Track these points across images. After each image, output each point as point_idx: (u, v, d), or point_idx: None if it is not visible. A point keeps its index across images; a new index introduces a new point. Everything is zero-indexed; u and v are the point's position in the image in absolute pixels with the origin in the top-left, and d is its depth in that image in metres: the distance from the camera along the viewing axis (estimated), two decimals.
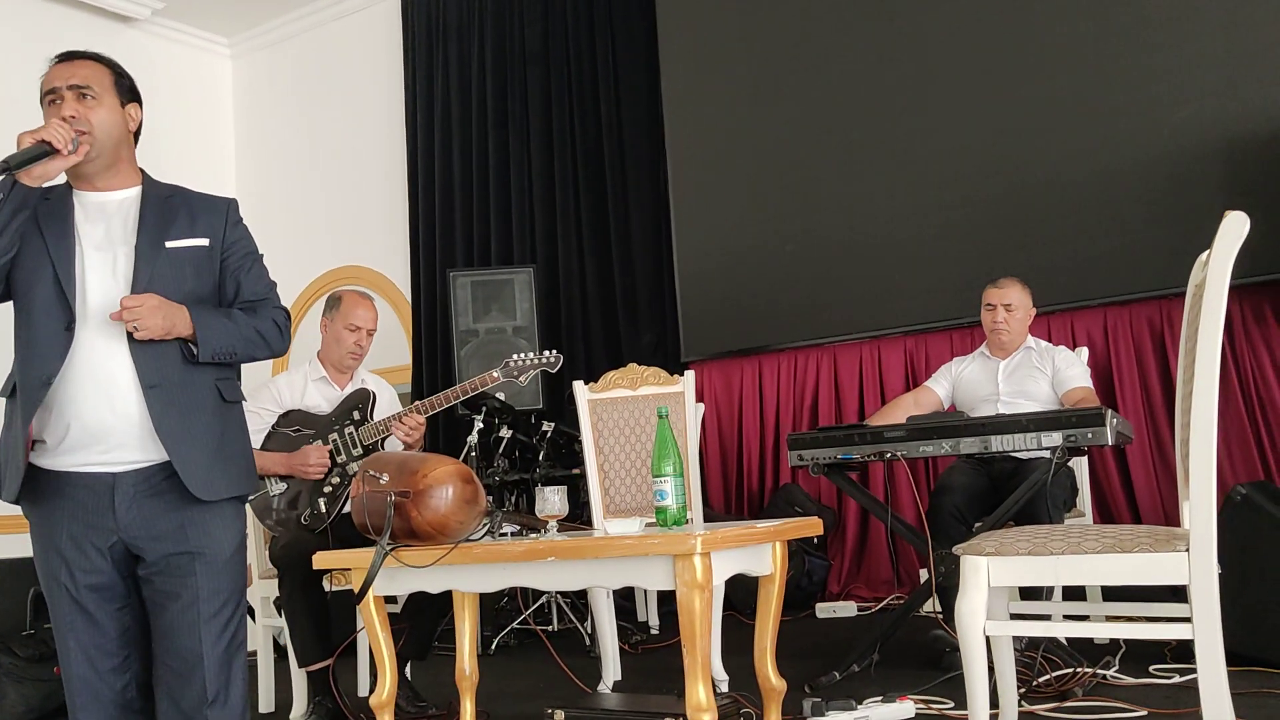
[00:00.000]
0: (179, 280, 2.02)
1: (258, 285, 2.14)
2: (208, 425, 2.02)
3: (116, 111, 2.04)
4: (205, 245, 2.08)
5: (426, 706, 3.12)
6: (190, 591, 1.97)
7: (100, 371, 1.95)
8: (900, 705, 2.61)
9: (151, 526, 1.97)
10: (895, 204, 4.77)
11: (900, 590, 4.59)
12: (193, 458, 1.97)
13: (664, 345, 5.37)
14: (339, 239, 6.50)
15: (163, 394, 1.96)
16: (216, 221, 2.11)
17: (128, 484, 1.97)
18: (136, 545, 1.98)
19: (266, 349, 2.11)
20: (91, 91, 2.01)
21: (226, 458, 2.04)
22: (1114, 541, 1.90)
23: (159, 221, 2.04)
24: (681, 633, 2.22)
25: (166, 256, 2.02)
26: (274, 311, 2.13)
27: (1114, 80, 4.31)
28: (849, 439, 3.12)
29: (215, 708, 1.95)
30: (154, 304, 1.94)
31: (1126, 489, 4.20)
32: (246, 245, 2.16)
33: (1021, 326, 3.60)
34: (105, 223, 2.04)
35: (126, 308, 1.92)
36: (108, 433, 1.95)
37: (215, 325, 2.02)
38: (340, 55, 6.65)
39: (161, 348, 1.97)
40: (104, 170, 2.05)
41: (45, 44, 5.79)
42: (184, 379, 2.00)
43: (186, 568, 1.97)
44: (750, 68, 5.19)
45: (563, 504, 2.51)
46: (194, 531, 1.99)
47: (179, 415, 1.97)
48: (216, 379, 2.06)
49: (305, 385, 3.47)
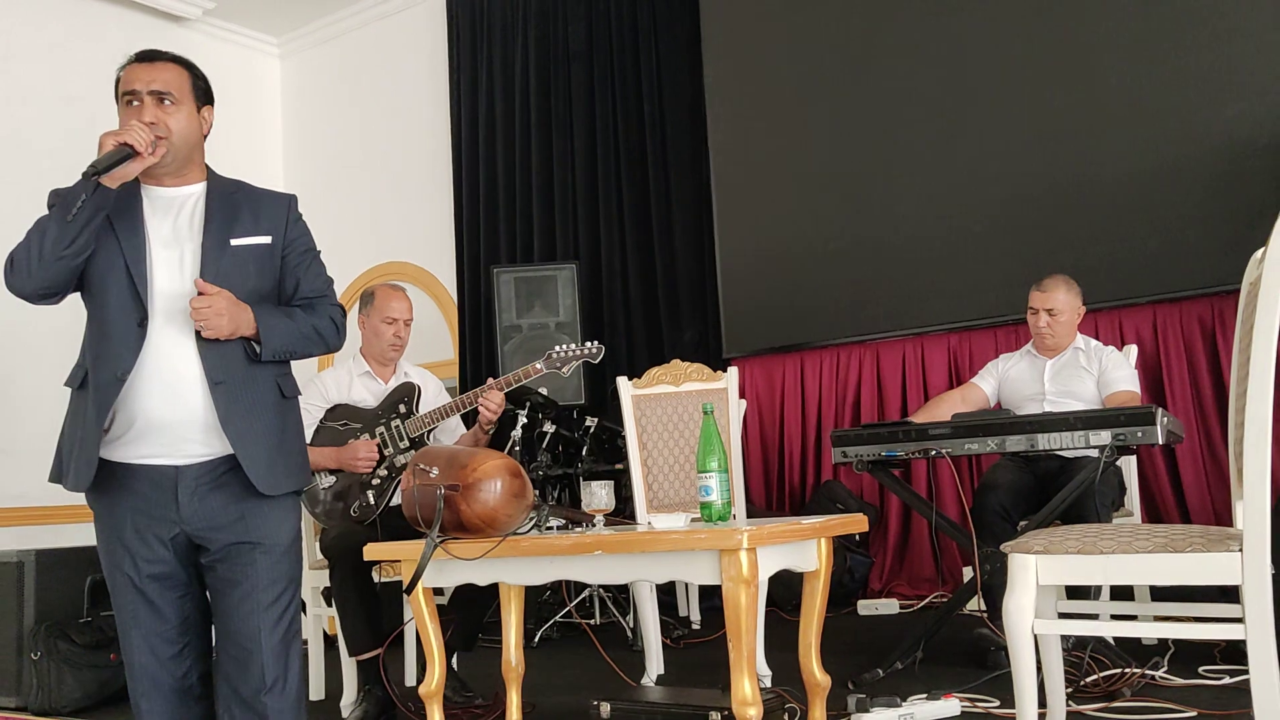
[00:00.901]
0: (243, 277, 2.06)
1: (316, 282, 2.18)
2: (269, 421, 2.07)
3: (193, 116, 2.09)
4: (268, 243, 2.12)
5: (473, 697, 3.17)
6: (250, 580, 2.02)
7: (167, 367, 2.00)
8: (945, 703, 2.60)
9: (214, 518, 2.02)
10: (939, 200, 4.74)
11: (943, 588, 4.57)
12: (256, 453, 2.02)
13: (705, 341, 5.37)
14: (384, 236, 6.57)
15: (227, 390, 2.01)
16: (278, 218, 2.15)
17: (191, 477, 2.02)
18: (199, 536, 2.03)
19: (323, 345, 2.16)
20: (171, 97, 2.05)
21: (286, 453, 2.09)
22: (1165, 541, 1.89)
23: (224, 218, 2.09)
24: (727, 627, 2.23)
25: (231, 254, 2.07)
26: (331, 309, 2.18)
27: (1164, 76, 4.25)
28: (893, 436, 3.12)
29: (273, 693, 2.00)
30: (222, 305, 1.98)
31: (1175, 488, 4.14)
32: (306, 242, 2.19)
33: (1067, 329, 3.55)
34: (173, 219, 2.08)
35: (197, 306, 1.96)
36: (172, 427, 2.00)
37: (277, 325, 2.07)
38: (386, 54, 6.72)
39: (227, 345, 2.02)
40: (177, 170, 2.09)
41: (97, 43, 5.96)
42: (247, 376, 2.04)
43: (247, 557, 2.02)
44: (793, 65, 5.18)
45: (609, 498, 2.54)
46: (254, 522, 2.04)
47: (243, 411, 2.02)
48: (276, 376, 2.11)
49: (351, 380, 3.52)
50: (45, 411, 5.29)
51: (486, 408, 3.23)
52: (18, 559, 3.70)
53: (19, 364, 5.42)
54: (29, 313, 5.46)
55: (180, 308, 2.00)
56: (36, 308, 2.07)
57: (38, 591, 3.66)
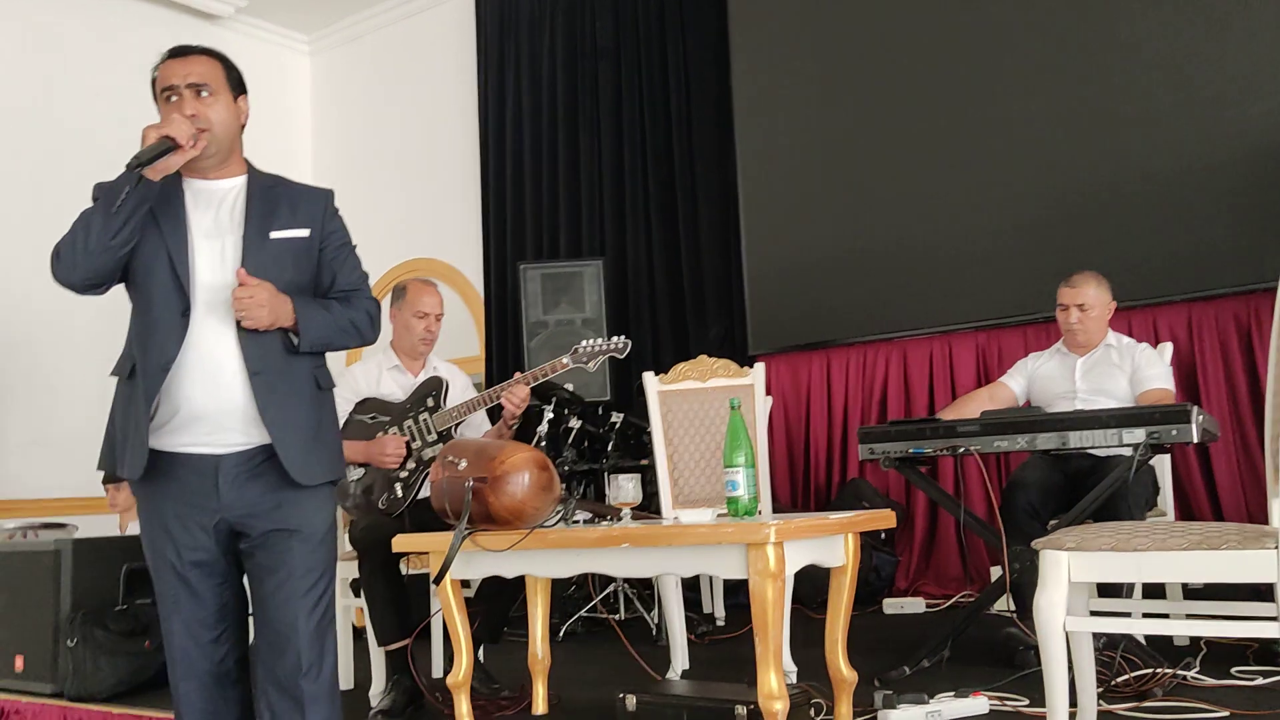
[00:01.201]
0: (281, 269, 2.09)
1: (352, 275, 2.21)
2: (306, 412, 2.10)
3: (231, 107, 2.12)
4: (306, 236, 2.15)
5: (499, 689, 3.18)
6: (287, 567, 2.05)
7: (208, 357, 2.03)
8: (973, 701, 2.58)
9: (253, 506, 2.06)
10: (968, 197, 4.71)
11: (970, 588, 4.54)
12: (293, 443, 2.05)
13: (731, 338, 5.37)
14: (412, 232, 6.61)
15: (266, 380, 2.04)
16: (316, 212, 2.18)
17: (231, 465, 2.05)
18: (238, 523, 2.07)
19: (359, 338, 2.18)
20: (208, 88, 2.08)
21: (322, 443, 2.12)
22: (1200, 538, 1.87)
23: (264, 212, 2.12)
24: (754, 621, 2.23)
25: (271, 246, 2.10)
26: (367, 302, 2.20)
27: (1197, 71, 4.20)
28: (921, 433, 3.10)
29: (309, 678, 2.03)
30: (263, 296, 2.01)
31: (1209, 488, 4.10)
32: (342, 236, 2.22)
33: (1098, 324, 3.52)
34: (214, 211, 2.12)
35: (239, 297, 1.99)
36: (213, 416, 2.03)
37: (315, 317, 2.10)
38: (415, 51, 6.76)
39: (266, 336, 2.05)
40: (218, 162, 2.13)
41: (133, 41, 6.03)
42: (285, 366, 2.08)
43: (284, 544, 2.05)
44: (820, 62, 5.16)
45: (636, 492, 2.54)
46: (291, 510, 2.07)
47: (281, 401, 2.05)
48: (313, 368, 2.14)
49: (380, 374, 3.55)
50: (81, 405, 5.41)
51: (510, 401, 3.24)
52: (54, 547, 3.76)
53: (54, 360, 5.50)
54: (64, 310, 5.56)
55: (221, 299, 2.04)
56: (71, 305, 2.11)
57: (74, 579, 3.71)
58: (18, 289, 5.42)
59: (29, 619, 3.80)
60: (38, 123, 5.67)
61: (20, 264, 5.40)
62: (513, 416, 3.28)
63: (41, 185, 5.43)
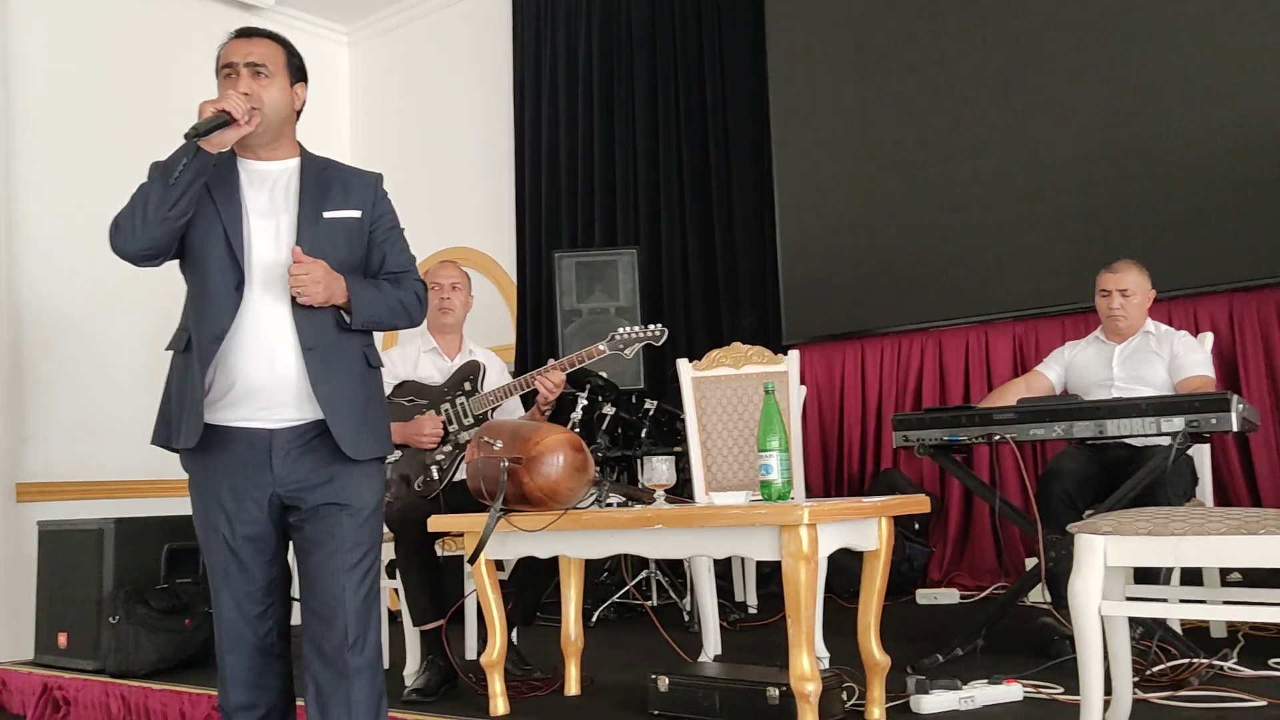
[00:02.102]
0: (334, 249, 2.13)
1: (401, 257, 2.25)
2: (356, 388, 2.14)
3: (286, 90, 2.17)
4: (357, 217, 2.20)
5: (532, 670, 3.21)
6: (335, 541, 2.08)
7: (263, 332, 2.08)
8: (1007, 688, 2.58)
9: (305, 480, 2.10)
10: (1004, 185, 4.66)
11: (1005, 580, 4.50)
12: (344, 418, 2.09)
13: (765, 327, 5.36)
14: (447, 221, 6.65)
15: (319, 356, 2.08)
16: (367, 194, 2.23)
17: (284, 439, 2.09)
18: (290, 497, 2.11)
19: (407, 318, 2.23)
20: (266, 70, 2.13)
21: (372, 419, 2.16)
22: (1239, 523, 1.85)
23: (317, 192, 2.17)
24: (786, 604, 2.24)
25: (324, 226, 2.14)
26: (415, 284, 2.25)
27: (1240, 54, 4.13)
28: (956, 420, 3.08)
29: (354, 651, 2.06)
30: (319, 273, 2.05)
31: (1249, 479, 4.04)
32: (391, 219, 2.27)
33: (1139, 311, 3.49)
34: (268, 190, 2.16)
35: (295, 274, 2.04)
36: (267, 390, 2.08)
37: (367, 295, 2.14)
38: (451, 41, 6.80)
39: (320, 313, 2.10)
40: (269, 142, 2.17)
41: (175, 33, 6.12)
42: (337, 343, 2.12)
43: (334, 518, 2.09)
44: (857, 50, 5.13)
45: (670, 474, 2.56)
46: (342, 485, 2.11)
47: (332, 377, 2.09)
48: (363, 345, 2.18)
49: (418, 357, 3.59)
50: (125, 390, 5.51)
51: (545, 386, 3.26)
52: (98, 527, 3.84)
53: (97, 347, 5.60)
54: (110, 294, 5.65)
55: (277, 275, 2.08)
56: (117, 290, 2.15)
57: (117, 558, 3.79)
58: (65, 274, 5.52)
59: (72, 597, 3.89)
60: (84, 112, 5.77)
61: (67, 250, 5.50)
62: (546, 402, 3.30)
63: (89, 173, 5.53)
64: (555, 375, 3.28)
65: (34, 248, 5.50)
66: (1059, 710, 2.46)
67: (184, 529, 3.84)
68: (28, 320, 5.47)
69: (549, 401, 3.30)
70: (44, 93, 5.65)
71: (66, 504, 5.07)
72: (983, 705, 2.53)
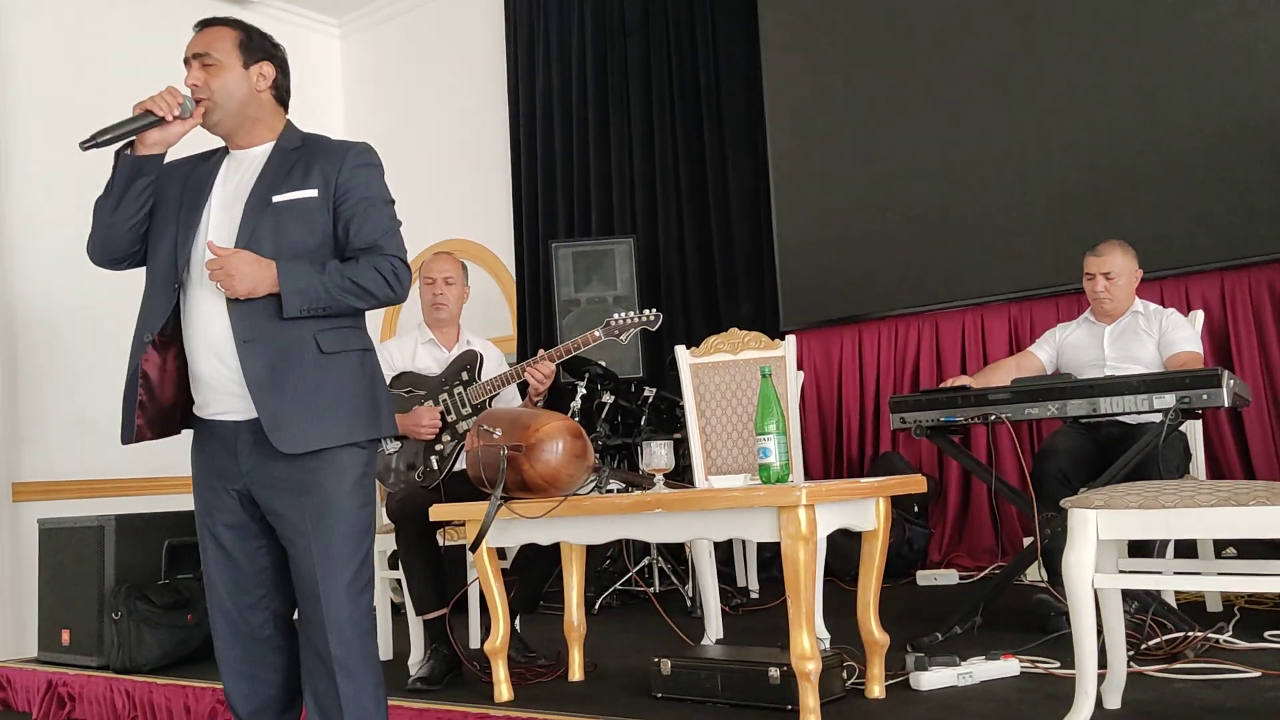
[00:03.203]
0: (280, 234, 2.04)
1: (370, 233, 2.09)
2: (302, 377, 2.03)
3: (240, 75, 2.11)
4: (314, 196, 2.08)
5: (536, 657, 3.24)
6: (304, 535, 2.04)
7: (209, 327, 2.06)
8: (1004, 663, 2.61)
9: (267, 474, 2.06)
10: (998, 168, 4.68)
11: (1003, 559, 4.54)
12: (280, 410, 2.01)
13: (763, 314, 5.38)
14: (443, 213, 6.66)
15: (256, 348, 2.02)
16: (330, 169, 2.10)
17: (246, 433, 2.07)
18: (256, 491, 2.09)
19: (368, 298, 2.08)
20: (210, 58, 2.10)
21: (322, 408, 2.04)
22: (1229, 495, 1.88)
23: (275, 176, 2.10)
24: (786, 584, 2.27)
25: (271, 211, 2.06)
26: (380, 260, 2.08)
27: (1228, 35, 4.14)
28: (952, 401, 3.11)
29: (344, 644, 2.03)
30: (236, 264, 1.97)
31: (1242, 455, 4.07)
32: (362, 191, 2.11)
33: (1125, 292, 3.51)
34: (236, 179, 2.13)
35: (210, 267, 1.99)
36: (220, 385, 2.07)
37: (300, 280, 2.01)
38: (444, 31, 6.80)
39: (256, 303, 2.01)
40: (238, 129, 2.14)
41: (165, 28, 6.10)
42: (278, 333, 2.02)
43: (299, 511, 2.04)
44: (849, 34, 5.14)
45: (669, 458, 2.58)
46: (307, 478, 2.05)
47: (268, 368, 2.02)
48: (315, 332, 2.05)
49: (415, 349, 3.60)
50: (117, 389, 5.50)
51: (534, 378, 3.25)
52: (98, 524, 3.85)
53: (91, 344, 5.60)
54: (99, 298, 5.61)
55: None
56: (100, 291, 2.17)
57: (118, 554, 3.80)
58: (59, 273, 5.53)
59: (74, 594, 3.90)
60: (77, 107, 5.76)
61: (62, 250, 5.51)
62: (537, 393, 3.30)
63: (83, 169, 5.53)
64: (544, 366, 3.26)
65: (28, 246, 5.51)
66: (1055, 683, 2.49)
67: (184, 525, 3.86)
68: (21, 320, 5.48)
69: (540, 392, 3.29)
70: (37, 89, 5.65)
71: (64, 502, 5.09)
72: (981, 681, 2.56)
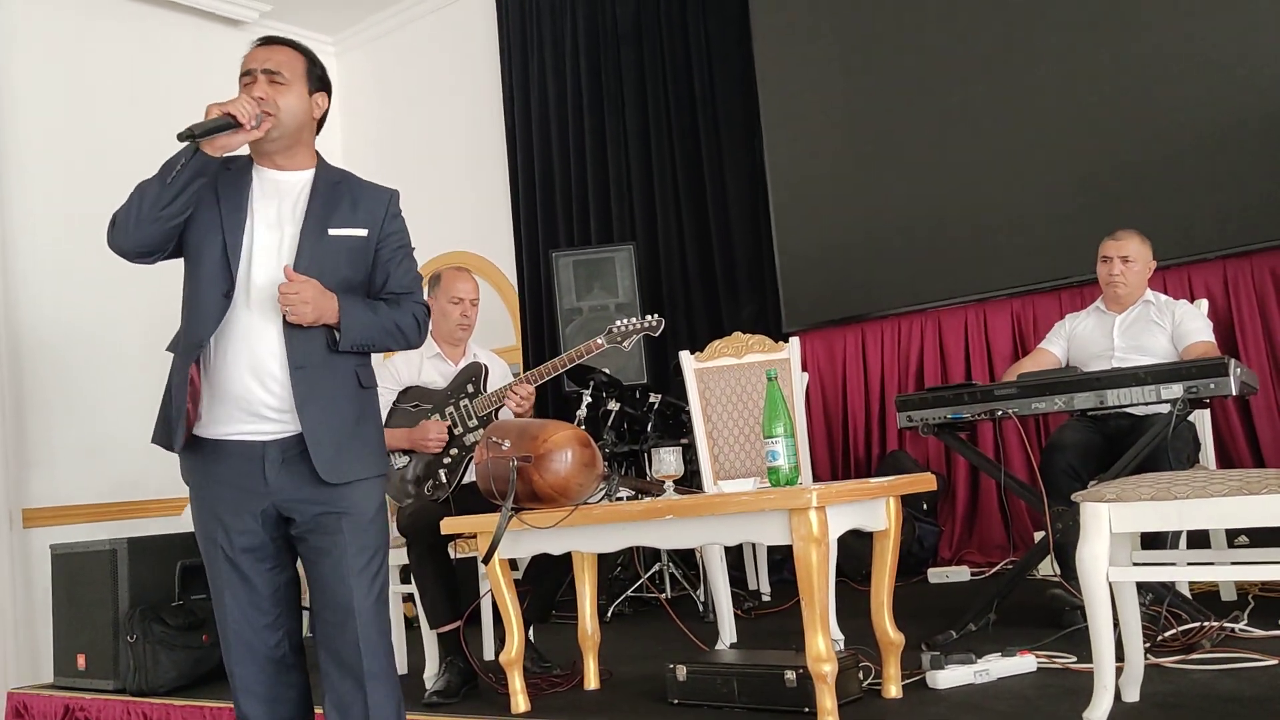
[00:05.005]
0: (335, 267, 2.12)
1: (405, 278, 2.22)
2: (344, 409, 2.11)
3: (303, 98, 2.16)
4: (363, 235, 2.17)
5: (550, 666, 3.23)
6: (340, 548, 2.08)
7: (254, 347, 2.07)
8: (1021, 659, 2.60)
9: (298, 490, 2.09)
10: (997, 164, 4.69)
11: (1014, 555, 4.53)
12: (325, 439, 2.07)
13: (765, 317, 5.39)
14: (443, 226, 6.67)
15: (307, 375, 2.07)
16: (377, 212, 2.21)
17: (275, 451, 2.09)
18: (286, 507, 2.11)
19: (403, 341, 2.21)
20: (282, 77, 2.13)
21: (359, 440, 2.13)
22: (1241, 484, 1.88)
23: (325, 207, 2.15)
24: (799, 586, 2.26)
25: (328, 242, 2.13)
26: (415, 306, 2.22)
27: (1230, 25, 4.14)
28: (958, 398, 3.10)
29: (371, 656, 2.06)
30: (309, 293, 2.04)
31: (1251, 443, 4.07)
32: (400, 239, 2.24)
33: (1139, 279, 3.50)
34: (278, 201, 2.15)
35: (285, 292, 2.03)
36: (256, 405, 2.08)
37: (359, 317, 2.12)
38: (438, 45, 6.82)
39: (310, 332, 2.08)
40: (283, 150, 2.17)
41: (159, 50, 6.13)
42: (326, 362, 2.10)
43: (334, 525, 2.08)
44: (844, 32, 5.14)
45: (678, 464, 2.58)
46: (337, 494, 2.09)
47: (320, 397, 2.08)
48: (356, 365, 2.16)
49: (421, 363, 3.61)
50: (124, 413, 5.52)
51: (512, 402, 3.27)
52: (110, 547, 3.86)
53: (98, 370, 5.62)
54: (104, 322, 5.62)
55: (272, 291, 2.07)
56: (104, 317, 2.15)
57: (131, 577, 3.80)
58: (65, 298, 5.55)
59: (88, 618, 3.91)
60: (75, 130, 5.78)
61: (65, 273, 5.53)
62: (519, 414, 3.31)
63: (84, 194, 5.55)
64: (521, 388, 3.29)
65: (32, 272, 5.52)
66: (1073, 679, 2.48)
67: (195, 546, 3.85)
68: (27, 346, 5.50)
69: (523, 414, 3.31)
70: (34, 113, 5.67)
71: (74, 527, 5.10)
72: (998, 678, 2.55)
